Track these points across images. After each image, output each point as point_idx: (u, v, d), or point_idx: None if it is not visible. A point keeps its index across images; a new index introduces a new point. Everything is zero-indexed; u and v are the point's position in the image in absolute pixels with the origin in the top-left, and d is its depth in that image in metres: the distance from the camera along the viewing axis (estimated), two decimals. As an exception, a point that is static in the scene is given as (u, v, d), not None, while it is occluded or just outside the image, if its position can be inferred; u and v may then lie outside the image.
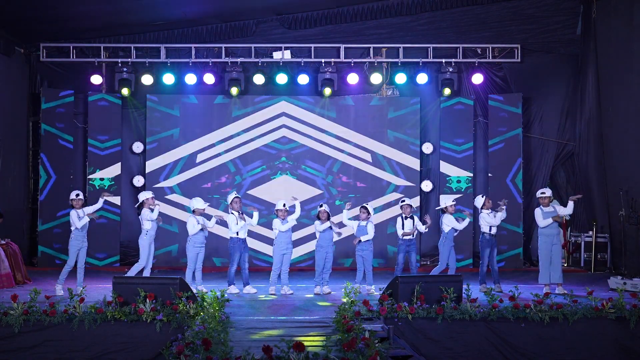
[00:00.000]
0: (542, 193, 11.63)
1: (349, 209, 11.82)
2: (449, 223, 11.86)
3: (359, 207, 12.00)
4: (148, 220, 11.44)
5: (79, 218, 11.34)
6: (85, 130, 15.78)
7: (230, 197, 11.94)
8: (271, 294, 11.48)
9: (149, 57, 15.42)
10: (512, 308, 9.26)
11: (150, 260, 11.56)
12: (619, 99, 14.19)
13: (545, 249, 11.42)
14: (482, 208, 11.96)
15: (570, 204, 11.48)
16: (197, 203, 11.72)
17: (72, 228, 11.35)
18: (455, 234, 11.98)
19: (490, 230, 11.83)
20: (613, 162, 14.45)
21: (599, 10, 14.63)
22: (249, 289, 11.67)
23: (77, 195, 11.54)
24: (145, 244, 11.47)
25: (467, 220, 12.03)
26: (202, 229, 11.60)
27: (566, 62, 15.95)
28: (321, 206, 11.86)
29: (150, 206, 11.55)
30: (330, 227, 11.68)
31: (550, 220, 11.35)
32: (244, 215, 11.74)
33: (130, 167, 15.97)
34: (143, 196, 11.68)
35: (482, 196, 12.19)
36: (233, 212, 11.74)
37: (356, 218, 12.00)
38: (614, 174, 14.39)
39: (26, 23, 14.57)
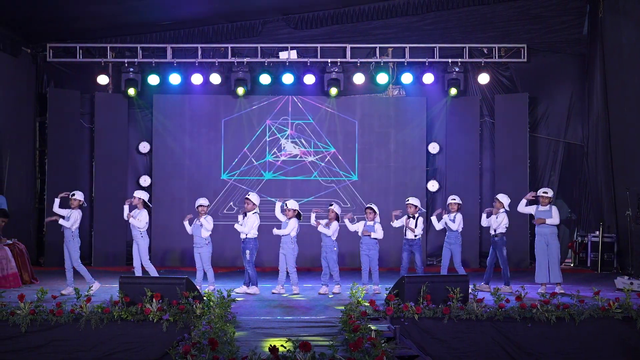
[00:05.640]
0: (545, 192, 11.60)
1: (351, 222, 11.93)
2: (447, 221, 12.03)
3: (365, 207, 12.02)
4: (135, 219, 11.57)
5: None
6: (91, 130, 15.82)
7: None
8: (278, 293, 11.51)
9: (155, 57, 15.45)
10: (519, 308, 9.24)
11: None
12: (627, 98, 14.14)
13: (540, 248, 11.48)
14: (501, 208, 11.87)
15: (555, 213, 11.42)
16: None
17: (73, 228, 11.36)
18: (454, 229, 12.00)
19: (505, 231, 11.82)
20: (620, 163, 14.40)
21: (606, 10, 14.58)
22: (255, 290, 11.67)
23: (73, 195, 11.59)
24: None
25: (441, 223, 12.09)
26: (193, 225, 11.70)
27: (573, 62, 15.91)
28: (331, 205, 11.86)
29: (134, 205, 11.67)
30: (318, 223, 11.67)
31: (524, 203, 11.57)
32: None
33: (137, 166, 16.02)
34: (138, 194, 11.77)
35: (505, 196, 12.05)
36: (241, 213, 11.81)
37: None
38: (621, 174, 14.34)
39: (33, 23, 14.62)
